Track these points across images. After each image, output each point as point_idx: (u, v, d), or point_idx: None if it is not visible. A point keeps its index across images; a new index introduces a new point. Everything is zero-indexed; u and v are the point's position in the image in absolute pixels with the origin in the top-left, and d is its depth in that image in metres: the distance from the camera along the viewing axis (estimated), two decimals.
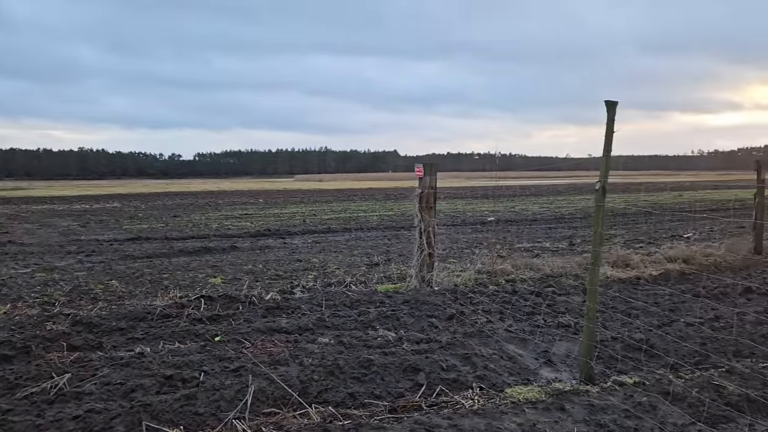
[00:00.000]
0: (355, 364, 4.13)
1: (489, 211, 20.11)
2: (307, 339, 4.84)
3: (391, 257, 9.68)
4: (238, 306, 5.91)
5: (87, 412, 3.28)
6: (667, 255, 9.25)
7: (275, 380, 3.78)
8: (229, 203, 27.27)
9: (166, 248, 11.31)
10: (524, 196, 30.40)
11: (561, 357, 4.58)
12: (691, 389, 3.59)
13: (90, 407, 3.35)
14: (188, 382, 3.82)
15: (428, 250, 6.99)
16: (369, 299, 6.29)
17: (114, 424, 3.19)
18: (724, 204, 22.28)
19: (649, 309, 5.97)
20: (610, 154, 3.90)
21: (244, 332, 5.00)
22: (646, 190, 36.80)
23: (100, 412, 3.30)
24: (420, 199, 7.07)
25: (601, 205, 3.91)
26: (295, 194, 37.32)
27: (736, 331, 5.20)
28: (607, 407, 3.41)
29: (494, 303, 6.19)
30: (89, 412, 3.29)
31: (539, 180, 67.79)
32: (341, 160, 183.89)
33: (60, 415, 3.26)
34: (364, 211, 21.66)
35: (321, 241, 12.65)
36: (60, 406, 3.41)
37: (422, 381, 3.92)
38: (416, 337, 4.87)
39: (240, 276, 8.12)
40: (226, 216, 19.56)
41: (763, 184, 10.06)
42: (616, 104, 3.88)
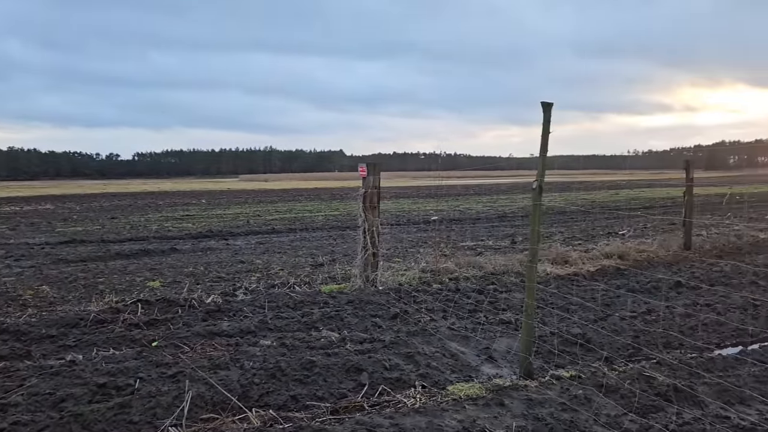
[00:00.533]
0: (298, 366, 4.09)
1: (434, 210, 20.32)
2: (249, 342, 4.75)
3: (336, 257, 9.64)
4: (177, 310, 5.75)
5: (12, 425, 3.12)
6: (604, 251, 9.58)
7: (214, 385, 3.69)
8: (170, 204, 26.55)
9: (102, 251, 10.90)
10: (468, 195, 30.88)
11: (502, 353, 4.66)
12: (624, 381, 3.72)
13: (16, 419, 3.18)
14: (123, 390, 3.68)
15: (372, 250, 6.99)
16: (313, 300, 6.23)
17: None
18: (656, 202, 23.26)
19: (586, 304, 6.16)
20: (547, 154, 4.00)
21: (183, 337, 4.87)
22: (585, 188, 38.05)
23: (27, 424, 3.14)
24: (364, 198, 7.06)
25: (538, 203, 4.00)
26: (239, 194, 36.68)
27: (666, 324, 5.43)
28: (544, 401, 3.49)
29: (438, 301, 6.25)
30: (15, 424, 3.13)
31: (483, 179, 69.01)
32: (287, 160, 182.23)
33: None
34: (310, 211, 21.51)
35: (265, 242, 12.48)
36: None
37: (365, 381, 3.91)
38: (360, 337, 4.86)
39: (180, 279, 7.91)
40: (166, 217, 19.03)
41: (691, 182, 10.56)
42: (551, 105, 3.98)
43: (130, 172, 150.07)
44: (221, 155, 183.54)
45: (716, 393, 3.65)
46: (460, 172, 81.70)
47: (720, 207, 17.75)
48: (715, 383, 3.76)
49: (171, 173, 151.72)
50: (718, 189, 30.09)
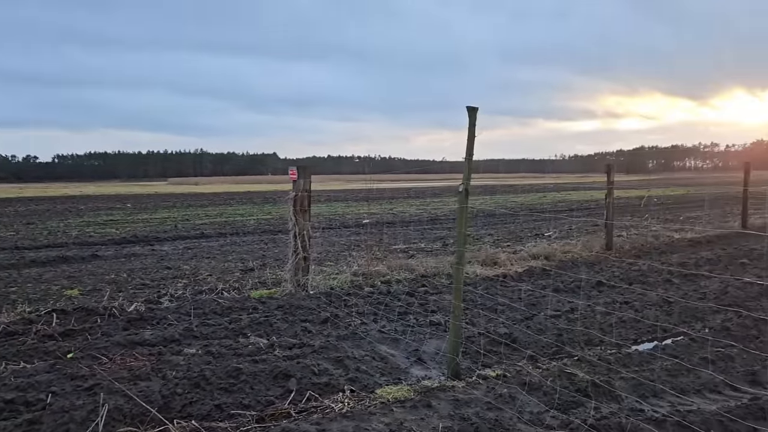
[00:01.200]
0: (223, 374, 3.98)
1: (367, 213, 20.36)
2: (173, 351, 4.59)
3: (266, 262, 9.47)
4: (96, 319, 5.49)
5: None
6: (531, 253, 9.87)
7: (133, 397, 3.53)
8: (93, 209, 25.38)
9: (15, 259, 10.27)
10: (402, 198, 31.14)
11: (431, 355, 4.70)
12: (546, 379, 3.83)
13: None
14: (33, 405, 3.47)
15: (303, 254, 6.92)
16: (242, 306, 6.10)
17: None
18: (581, 204, 24.21)
19: (512, 305, 6.31)
20: (473, 158, 4.07)
21: (101, 347, 4.64)
22: (513, 191, 39.16)
23: None
24: (294, 202, 6.98)
25: (465, 206, 4.07)
26: (167, 198, 35.50)
27: (587, 322, 5.64)
28: (470, 401, 3.54)
29: (369, 304, 6.25)
30: None
31: (417, 183, 69.80)
32: (218, 163, 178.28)
33: None
34: (241, 215, 21.09)
35: (193, 247, 12.12)
36: None
37: (293, 387, 3.85)
38: (289, 343, 4.79)
39: (101, 287, 7.56)
40: (88, 222, 18.17)
41: (612, 185, 11.05)
42: (476, 110, 4.05)
43: (49, 175, 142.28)
44: (149, 158, 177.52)
45: (632, 387, 3.81)
46: (394, 176, 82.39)
47: (639, 209, 18.66)
48: (631, 378, 3.93)
49: (94, 176, 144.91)
50: (638, 192, 31.67)
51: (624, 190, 33.63)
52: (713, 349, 4.60)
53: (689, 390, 3.85)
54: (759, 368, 4.17)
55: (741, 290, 6.87)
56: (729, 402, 3.64)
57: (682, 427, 3.16)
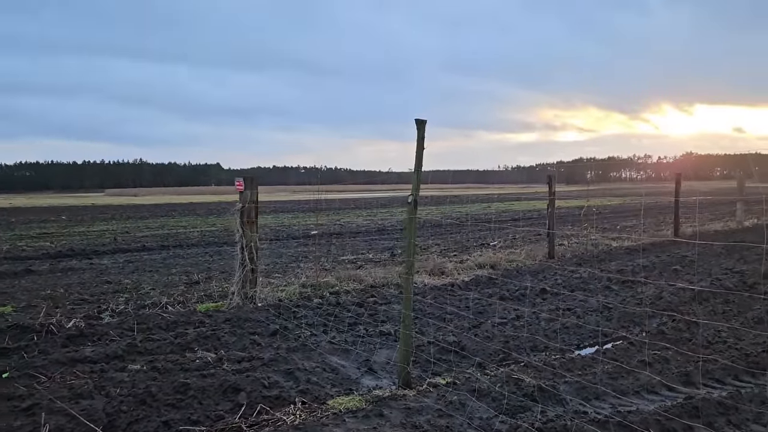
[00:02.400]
0: (171, 390, 3.89)
1: (314, 224, 20.26)
2: (116, 367, 4.45)
3: (212, 275, 9.30)
4: (32, 336, 5.25)
5: None
6: (477, 262, 10.06)
7: (76, 416, 3.41)
8: (25, 221, 24.24)
9: None
10: (349, 209, 31.14)
11: (381, 364, 4.73)
12: (495, 385, 3.92)
13: None
14: None
15: (251, 266, 6.83)
16: (187, 320, 5.96)
17: None
18: (525, 214, 24.83)
19: (460, 313, 6.42)
20: (421, 170, 4.15)
21: (39, 366, 4.45)
22: (459, 201, 39.80)
23: None
24: (241, 213, 6.90)
25: (413, 217, 4.13)
26: (105, 210, 34.29)
27: (533, 329, 5.80)
28: (422, 409, 3.59)
29: (318, 316, 6.23)
30: None
31: (364, 193, 69.92)
32: (159, 174, 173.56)
33: None
34: (184, 227, 20.59)
35: (135, 260, 11.76)
36: None
37: (243, 401, 3.80)
38: (238, 356, 4.72)
39: (36, 303, 7.23)
40: (20, 236, 17.34)
41: (553, 196, 11.40)
42: (425, 122, 4.14)
43: None
44: (84, 168, 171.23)
45: (576, 390, 3.95)
46: (341, 186, 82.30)
47: (579, 218, 19.30)
48: (575, 382, 4.07)
49: (25, 188, 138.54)
50: (578, 202, 32.75)
51: (565, 200, 34.73)
52: (650, 352, 4.82)
53: (629, 391, 4.01)
54: (692, 369, 4.39)
55: (675, 295, 7.21)
56: (666, 402, 3.82)
57: (623, 427, 3.29)
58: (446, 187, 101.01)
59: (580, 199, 40.39)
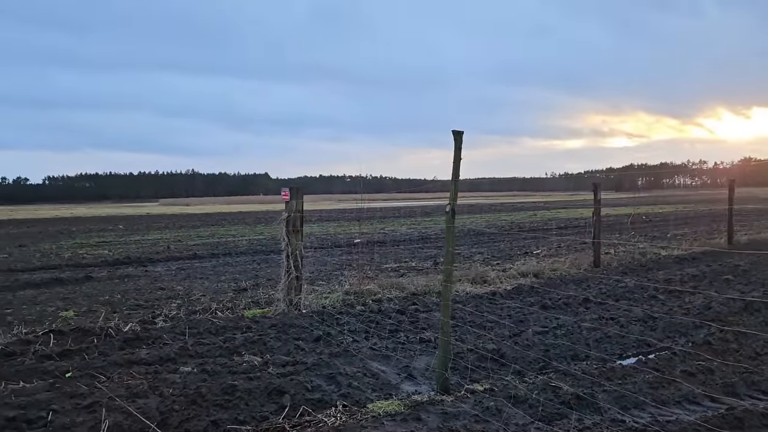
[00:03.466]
0: (219, 391, 4.09)
1: (359, 233, 20.50)
2: (169, 369, 4.69)
3: (259, 282, 9.58)
4: (92, 339, 5.58)
5: None
6: (520, 270, 10.04)
7: (132, 413, 3.64)
8: (85, 230, 25.38)
9: (9, 281, 10.32)
10: (393, 217, 31.31)
11: (421, 371, 4.83)
12: (532, 392, 3.97)
13: None
14: (34, 423, 3.57)
15: (295, 273, 7.04)
16: (235, 325, 6.20)
17: None
18: (571, 221, 24.46)
19: (501, 321, 6.46)
20: (458, 179, 4.24)
21: (99, 366, 4.74)
22: (506, 210, 39.46)
23: None
24: (287, 222, 7.13)
25: (451, 226, 4.23)
26: (159, 219, 35.51)
27: (574, 337, 5.79)
28: (459, 414, 3.67)
29: (360, 323, 6.37)
30: None
31: (408, 201, 70.03)
32: (210, 183, 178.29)
33: None
34: (234, 235, 21.17)
35: (186, 267, 12.20)
36: None
37: (287, 403, 3.96)
38: (282, 360, 4.91)
39: (96, 308, 7.64)
40: (81, 244, 18.20)
41: (599, 204, 11.27)
42: (462, 133, 4.24)
43: (40, 197, 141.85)
44: (140, 179, 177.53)
45: (614, 399, 3.95)
46: (386, 195, 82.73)
47: (627, 226, 18.91)
48: (614, 391, 4.07)
49: (86, 198, 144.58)
50: (627, 209, 32.03)
51: (613, 208, 34.00)
52: (694, 362, 4.76)
53: (670, 401, 3.99)
54: (737, 380, 4.33)
55: (724, 305, 7.05)
56: (707, 412, 3.78)
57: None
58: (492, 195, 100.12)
59: (630, 206, 39.46)
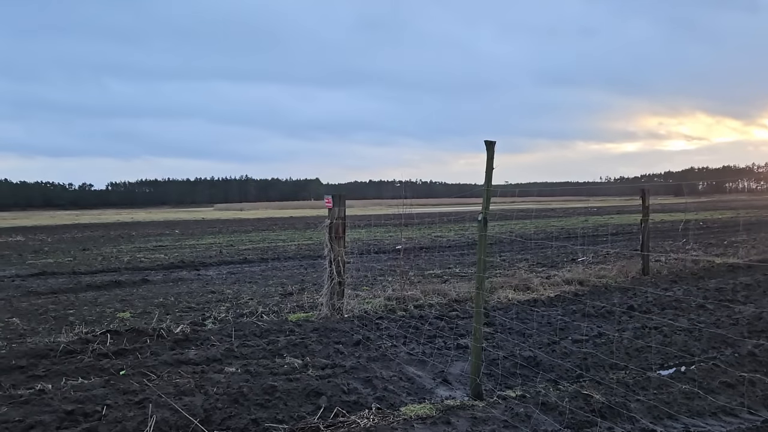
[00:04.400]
0: (260, 391, 4.30)
1: (406, 238, 20.63)
2: (215, 369, 4.94)
3: (305, 286, 9.84)
4: (146, 339, 5.91)
5: None
6: (565, 278, 9.95)
7: (179, 410, 3.88)
8: (144, 235, 26.46)
9: (73, 283, 10.95)
10: (441, 223, 31.29)
11: (456, 376, 4.92)
12: (563, 400, 4.00)
13: None
14: (90, 416, 3.85)
15: (338, 279, 7.24)
16: (279, 328, 6.44)
17: None
18: (623, 228, 23.89)
19: (541, 329, 6.47)
20: (491, 188, 4.33)
21: (150, 365, 5.04)
22: (556, 215, 38.80)
23: None
24: (330, 229, 7.33)
25: (484, 234, 4.31)
26: (213, 224, 36.61)
27: (614, 347, 5.75)
28: (488, 419, 3.75)
29: (400, 328, 6.50)
30: None
31: (458, 206, 69.70)
32: (263, 189, 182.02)
33: None
34: (283, 240, 21.66)
35: (236, 272, 12.62)
36: None
37: (323, 404, 4.13)
38: (322, 363, 5.09)
39: (150, 309, 8.04)
40: (139, 248, 19.02)
41: (648, 210, 11.04)
42: (494, 144, 4.32)
43: (103, 203, 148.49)
44: (196, 184, 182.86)
45: (647, 409, 3.95)
46: (435, 200, 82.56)
47: (679, 233, 18.37)
48: (648, 401, 4.06)
49: (145, 203, 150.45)
50: (685, 215, 31.00)
51: (669, 214, 32.99)
52: (736, 373, 4.68)
53: (705, 413, 3.95)
54: None
55: None
56: (743, 424, 3.74)
57: None
58: (543, 199, 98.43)
59: (689, 212, 38.13)
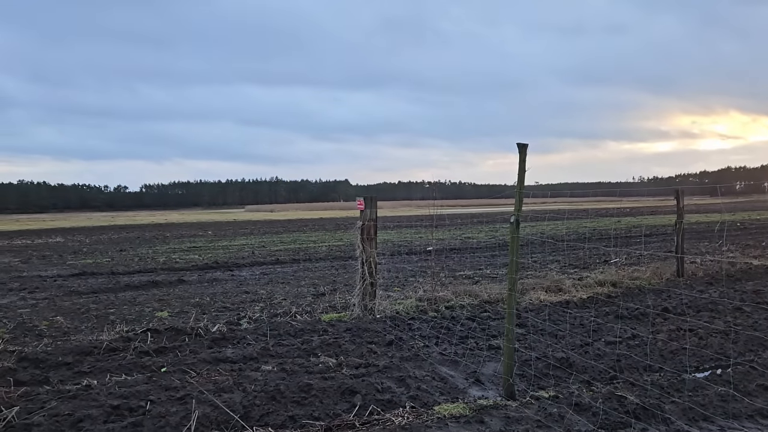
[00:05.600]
0: (296, 389, 4.41)
1: (436, 240, 20.66)
2: (251, 367, 5.07)
3: (337, 287, 9.96)
4: (184, 338, 6.09)
5: None
6: (597, 279, 9.87)
7: (219, 406, 4.01)
8: (177, 236, 26.99)
9: (112, 283, 11.27)
10: (472, 224, 31.19)
11: (488, 376, 4.96)
12: (596, 401, 4.02)
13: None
14: (135, 411, 4.01)
15: (370, 280, 7.33)
16: (313, 328, 6.56)
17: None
18: (657, 228, 23.50)
19: (573, 330, 6.45)
20: (523, 190, 4.36)
21: (189, 363, 5.20)
22: (588, 216, 38.32)
23: None
24: (362, 230, 7.43)
25: (516, 236, 4.35)
26: (245, 225, 37.15)
27: (648, 349, 5.71)
28: (521, 418, 3.79)
29: (432, 329, 6.56)
30: None
31: (488, 208, 69.31)
32: (293, 191, 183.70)
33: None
34: (314, 241, 21.87)
35: (269, 272, 12.82)
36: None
37: (358, 402, 4.22)
38: (355, 362, 5.18)
39: (187, 309, 8.25)
40: (173, 249, 19.43)
41: (682, 211, 10.88)
42: (526, 146, 4.36)
43: (137, 204, 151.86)
44: (227, 186, 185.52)
45: (682, 411, 3.94)
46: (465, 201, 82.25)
47: (714, 234, 18.00)
48: (683, 403, 4.05)
49: (178, 205, 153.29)
50: (723, 216, 30.33)
51: (705, 215, 32.31)
52: None
53: (741, 415, 3.93)
54: None
55: None
56: None
57: None
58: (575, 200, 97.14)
59: (725, 213, 37.28)
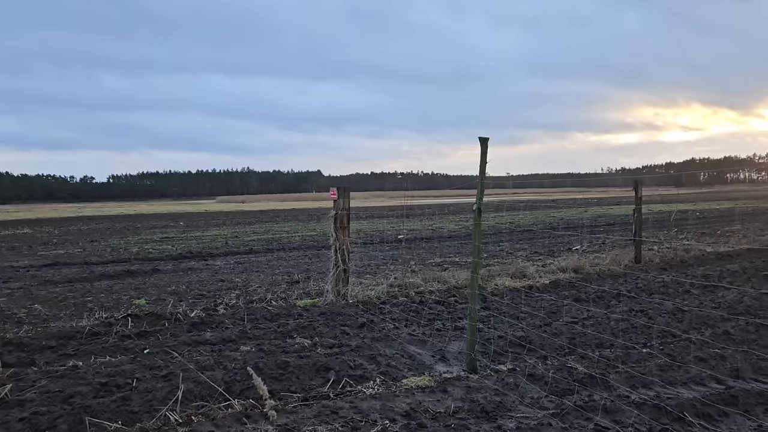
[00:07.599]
0: (274, 366, 4.72)
1: (407, 230, 21.05)
2: (231, 348, 5.37)
3: (311, 275, 10.26)
4: (164, 323, 6.34)
5: (32, 414, 3.71)
6: (560, 266, 10.36)
7: (203, 381, 4.31)
8: (149, 227, 26.89)
9: (86, 273, 11.38)
10: (443, 214, 31.70)
11: (454, 354, 5.34)
12: (549, 371, 4.43)
13: (34, 410, 3.77)
14: (122, 388, 4.28)
15: (343, 267, 7.65)
16: (288, 313, 6.86)
17: (58, 423, 3.64)
18: (622, 218, 24.29)
19: (534, 312, 6.89)
20: (484, 181, 4.73)
21: (171, 345, 5.46)
22: (556, 206, 39.20)
23: (44, 414, 3.73)
24: (335, 219, 7.74)
25: (478, 223, 4.73)
26: (217, 216, 37.06)
27: (601, 327, 6.17)
28: (481, 388, 4.18)
29: (402, 312, 6.93)
30: (34, 414, 3.72)
31: (458, 198, 70.05)
32: (264, 181, 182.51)
33: (7, 418, 3.67)
34: (287, 231, 22.08)
35: (243, 262, 13.05)
36: (5, 412, 3.80)
37: (332, 377, 4.55)
38: (329, 343, 5.51)
39: (164, 296, 8.47)
40: (146, 240, 19.45)
41: (640, 201, 11.45)
42: (487, 140, 4.72)
43: (104, 195, 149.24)
44: (197, 177, 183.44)
45: (624, 379, 4.37)
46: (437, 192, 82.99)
47: (675, 223, 18.77)
48: (626, 372, 4.48)
49: (147, 195, 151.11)
50: (683, 206, 31.40)
51: (668, 205, 33.35)
52: (710, 350, 5.10)
53: (677, 383, 4.37)
54: (745, 365, 4.65)
55: (756, 300, 7.26)
56: (709, 391, 4.15)
57: (657, 409, 3.71)
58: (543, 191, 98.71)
59: (688, 203, 38.53)
